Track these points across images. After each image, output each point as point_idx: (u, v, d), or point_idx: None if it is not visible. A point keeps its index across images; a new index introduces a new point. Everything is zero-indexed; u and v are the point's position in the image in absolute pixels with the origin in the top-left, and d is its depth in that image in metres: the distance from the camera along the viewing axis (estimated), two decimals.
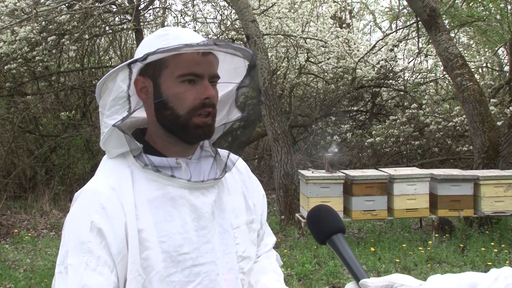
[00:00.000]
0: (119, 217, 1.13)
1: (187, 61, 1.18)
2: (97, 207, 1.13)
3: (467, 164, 8.74)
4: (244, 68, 1.30)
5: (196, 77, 1.19)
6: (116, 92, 1.16)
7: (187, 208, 1.19)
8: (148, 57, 1.14)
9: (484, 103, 6.60)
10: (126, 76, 1.15)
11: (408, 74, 10.78)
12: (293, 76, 10.76)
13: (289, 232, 6.51)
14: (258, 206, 1.40)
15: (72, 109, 9.72)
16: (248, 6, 7.13)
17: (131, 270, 1.12)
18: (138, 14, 9.21)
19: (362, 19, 16.71)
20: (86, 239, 1.10)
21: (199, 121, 1.20)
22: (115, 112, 1.17)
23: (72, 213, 1.16)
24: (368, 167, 8.19)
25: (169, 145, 1.24)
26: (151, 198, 1.17)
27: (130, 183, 1.18)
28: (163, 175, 1.19)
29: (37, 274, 5.08)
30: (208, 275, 1.19)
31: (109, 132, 1.18)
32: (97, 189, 1.17)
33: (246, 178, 1.40)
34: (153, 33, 1.27)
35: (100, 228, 1.11)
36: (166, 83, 1.20)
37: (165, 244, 1.15)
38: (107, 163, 1.25)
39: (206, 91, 1.19)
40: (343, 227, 1.12)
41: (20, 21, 7.42)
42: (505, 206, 5.86)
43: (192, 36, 1.21)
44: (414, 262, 5.29)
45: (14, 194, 8.69)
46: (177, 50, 1.15)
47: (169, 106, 1.20)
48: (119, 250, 1.12)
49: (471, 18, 9.26)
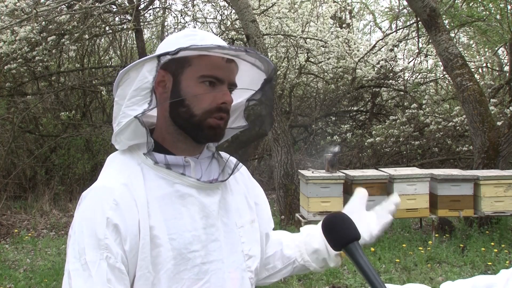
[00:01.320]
0: (132, 213, 1.13)
1: (211, 63, 1.20)
2: (111, 203, 1.12)
3: (467, 164, 8.74)
4: (259, 81, 1.32)
5: (217, 80, 1.21)
6: (140, 83, 1.16)
7: (196, 206, 1.20)
8: (179, 52, 1.14)
9: (484, 103, 6.60)
10: (153, 67, 1.15)
11: (408, 74, 10.78)
12: (293, 76, 10.77)
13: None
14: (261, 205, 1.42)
15: (72, 109, 9.72)
16: (248, 6, 7.13)
17: (141, 267, 1.12)
18: (138, 14, 9.21)
19: (362, 19, 16.72)
20: (103, 235, 1.10)
21: (213, 122, 1.21)
22: (135, 103, 1.16)
23: (84, 210, 1.15)
24: (368, 167, 8.19)
25: (178, 142, 1.25)
26: (161, 196, 1.18)
27: (141, 180, 1.18)
28: (173, 173, 1.20)
29: (37, 274, 5.08)
30: (216, 273, 1.20)
31: (128, 123, 1.17)
32: (109, 185, 1.16)
33: (247, 179, 1.42)
34: (179, 32, 1.29)
35: (116, 224, 1.11)
36: (187, 81, 1.20)
37: (175, 242, 1.15)
38: (116, 160, 1.25)
39: (224, 96, 1.21)
40: (358, 235, 1.15)
41: (20, 21, 7.42)
42: (505, 206, 5.86)
43: (218, 40, 1.23)
44: (414, 262, 5.29)
45: (14, 194, 8.69)
46: (209, 50, 1.16)
47: (186, 104, 1.21)
48: (132, 246, 1.12)
49: (471, 18, 9.27)
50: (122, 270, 1.11)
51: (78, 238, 1.12)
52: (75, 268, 1.10)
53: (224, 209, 1.27)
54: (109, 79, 9.80)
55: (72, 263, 1.11)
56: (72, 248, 1.12)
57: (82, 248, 1.10)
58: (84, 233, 1.11)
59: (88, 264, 1.09)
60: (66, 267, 1.13)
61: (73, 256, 1.11)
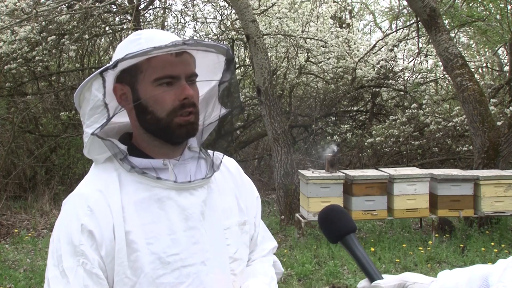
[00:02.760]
0: (107, 219, 1.13)
1: (161, 63, 1.17)
2: (85, 210, 1.14)
3: (467, 164, 8.74)
4: (221, 63, 1.29)
5: (172, 79, 1.18)
6: (93, 102, 1.15)
7: (174, 209, 1.19)
8: (118, 64, 1.13)
9: (484, 103, 6.60)
10: (100, 84, 1.14)
11: (408, 74, 10.77)
12: (293, 76, 10.76)
13: (289, 232, 6.51)
14: (250, 208, 1.38)
15: (72, 109, 9.70)
16: (248, 6, 7.13)
17: (118, 272, 1.12)
18: (138, 14, 9.21)
19: (362, 19, 16.72)
20: (78, 242, 1.11)
21: (181, 120, 1.19)
22: (94, 121, 1.17)
23: (62, 218, 1.17)
24: (368, 167, 8.19)
25: (155, 148, 1.24)
26: (138, 200, 1.17)
27: (117, 185, 1.18)
28: (149, 177, 1.19)
29: (37, 274, 5.08)
30: (198, 275, 1.18)
31: (90, 141, 1.19)
32: (84, 192, 1.18)
33: (238, 179, 1.39)
34: (127, 38, 1.26)
35: (91, 230, 1.12)
36: (143, 88, 1.19)
37: (153, 246, 1.15)
38: (94, 169, 1.26)
39: (184, 92, 1.18)
40: (354, 227, 1.16)
41: (20, 21, 7.42)
42: (505, 206, 5.86)
43: (164, 37, 1.19)
44: (414, 262, 5.29)
45: (14, 194, 8.68)
46: (146, 54, 1.13)
47: (149, 110, 1.19)
48: (108, 252, 1.12)
49: (471, 18, 9.27)
50: (100, 276, 1.11)
51: (56, 245, 1.13)
52: (54, 275, 1.11)
53: (210, 210, 1.24)
54: None
55: (51, 270, 1.12)
56: (51, 256, 1.14)
57: (59, 255, 1.12)
58: (61, 241, 1.13)
59: (66, 271, 1.10)
60: (46, 274, 1.14)
61: (51, 263, 1.12)
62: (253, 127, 11.06)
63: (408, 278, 1.04)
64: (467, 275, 0.96)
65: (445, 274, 1.02)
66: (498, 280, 0.89)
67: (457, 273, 0.99)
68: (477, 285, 0.92)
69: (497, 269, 0.92)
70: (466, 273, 0.97)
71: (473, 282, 0.93)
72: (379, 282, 1.04)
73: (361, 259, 1.11)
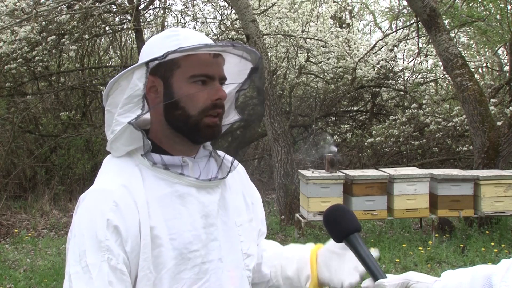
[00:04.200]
0: (132, 214, 1.13)
1: (199, 61, 1.19)
2: (110, 205, 1.12)
3: (467, 164, 8.74)
4: (246, 70, 1.31)
5: (208, 78, 1.20)
6: (132, 90, 1.16)
7: (195, 205, 1.20)
8: (168, 56, 1.14)
9: (484, 103, 6.60)
10: (143, 74, 1.15)
11: (408, 74, 10.77)
12: (293, 76, 10.77)
13: (289, 232, 6.51)
14: (256, 205, 1.42)
15: (72, 109, 9.72)
16: (248, 6, 7.13)
17: (143, 268, 1.12)
18: (138, 14, 9.20)
19: (362, 19, 16.71)
20: (103, 237, 1.10)
21: (210, 121, 1.20)
22: (128, 110, 1.17)
23: (84, 212, 1.15)
24: (368, 167, 8.19)
25: (175, 144, 1.25)
26: (161, 196, 1.18)
27: (141, 181, 1.18)
28: (172, 173, 1.19)
29: (37, 274, 5.08)
30: (215, 272, 1.20)
31: (123, 130, 1.17)
32: (108, 187, 1.16)
33: (244, 177, 1.42)
34: (161, 33, 1.27)
35: (116, 226, 1.11)
36: (178, 83, 1.20)
37: (176, 241, 1.16)
38: (113, 162, 1.24)
39: (218, 93, 1.20)
40: (359, 226, 1.17)
41: (20, 21, 7.42)
42: (505, 206, 5.86)
43: (203, 37, 1.22)
44: (414, 262, 5.29)
45: (14, 194, 8.69)
46: (197, 50, 1.15)
47: (181, 106, 1.20)
48: (133, 247, 1.12)
49: (471, 18, 9.26)
50: (124, 272, 1.11)
51: (78, 240, 1.12)
52: (76, 271, 1.10)
53: (224, 208, 1.27)
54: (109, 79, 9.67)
55: (73, 266, 1.10)
56: (72, 251, 1.12)
57: (82, 250, 1.10)
58: (84, 236, 1.11)
59: (89, 266, 1.09)
60: (66, 270, 1.12)
61: (73, 259, 1.11)
62: None
63: (412, 277, 1.05)
64: (470, 275, 0.97)
65: (448, 274, 1.03)
66: (501, 280, 0.90)
67: (460, 273, 1.00)
68: (480, 284, 0.93)
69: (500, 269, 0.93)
70: (469, 273, 0.98)
71: (476, 281, 0.94)
72: (382, 281, 1.06)
73: (365, 258, 1.12)
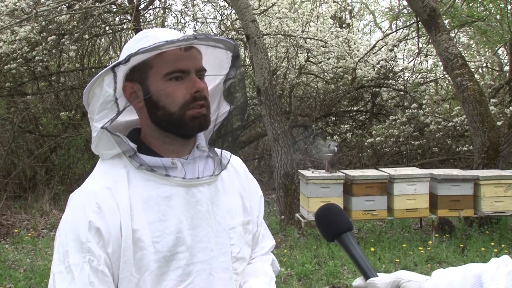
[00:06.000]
0: (114, 216, 1.14)
1: (171, 58, 1.19)
2: (93, 206, 1.14)
3: (467, 164, 8.74)
4: (228, 59, 1.30)
5: (182, 73, 1.20)
6: (103, 97, 1.17)
7: (182, 206, 1.20)
8: (130, 59, 1.14)
9: (484, 103, 6.60)
10: (111, 80, 1.16)
11: (408, 74, 10.78)
12: (293, 76, 10.76)
13: (289, 232, 6.51)
14: (254, 208, 1.40)
15: (72, 109, 9.71)
16: (248, 6, 7.12)
17: (123, 270, 1.13)
18: (138, 14, 9.21)
19: (362, 19, 16.71)
20: (85, 238, 1.12)
21: (194, 113, 1.20)
22: (104, 116, 1.18)
23: (69, 213, 1.17)
24: (368, 167, 8.19)
25: (165, 145, 1.25)
26: (146, 197, 1.18)
27: (126, 183, 1.18)
28: (158, 174, 1.19)
29: (37, 274, 5.08)
30: (200, 274, 1.19)
31: (99, 135, 1.19)
32: (92, 189, 1.18)
33: (244, 178, 1.40)
34: (132, 38, 1.28)
35: (98, 228, 1.12)
36: (154, 84, 1.20)
37: (159, 245, 1.16)
38: (102, 164, 1.26)
39: (195, 85, 1.20)
40: (351, 225, 1.16)
41: (20, 21, 7.42)
42: (505, 206, 5.86)
43: (171, 33, 1.21)
44: (414, 262, 5.29)
45: (14, 194, 8.68)
46: (158, 48, 1.15)
47: (161, 106, 1.20)
48: (114, 249, 1.13)
49: (471, 18, 9.27)
50: (106, 273, 1.12)
51: (63, 240, 1.14)
52: (59, 270, 1.12)
53: (216, 209, 1.26)
54: None
55: (57, 265, 1.13)
56: (57, 251, 1.14)
57: (66, 250, 1.12)
58: (68, 236, 1.13)
59: (72, 267, 1.11)
60: (52, 268, 1.14)
61: (57, 258, 1.13)
62: (253, 127, 11.06)
63: (403, 276, 1.05)
64: (461, 273, 0.97)
65: (439, 273, 1.03)
66: (491, 278, 0.91)
67: (451, 272, 1.00)
68: (470, 283, 0.93)
69: (490, 267, 0.93)
70: (460, 271, 0.98)
71: (467, 280, 0.94)
72: (374, 280, 1.06)
73: (356, 257, 1.12)
